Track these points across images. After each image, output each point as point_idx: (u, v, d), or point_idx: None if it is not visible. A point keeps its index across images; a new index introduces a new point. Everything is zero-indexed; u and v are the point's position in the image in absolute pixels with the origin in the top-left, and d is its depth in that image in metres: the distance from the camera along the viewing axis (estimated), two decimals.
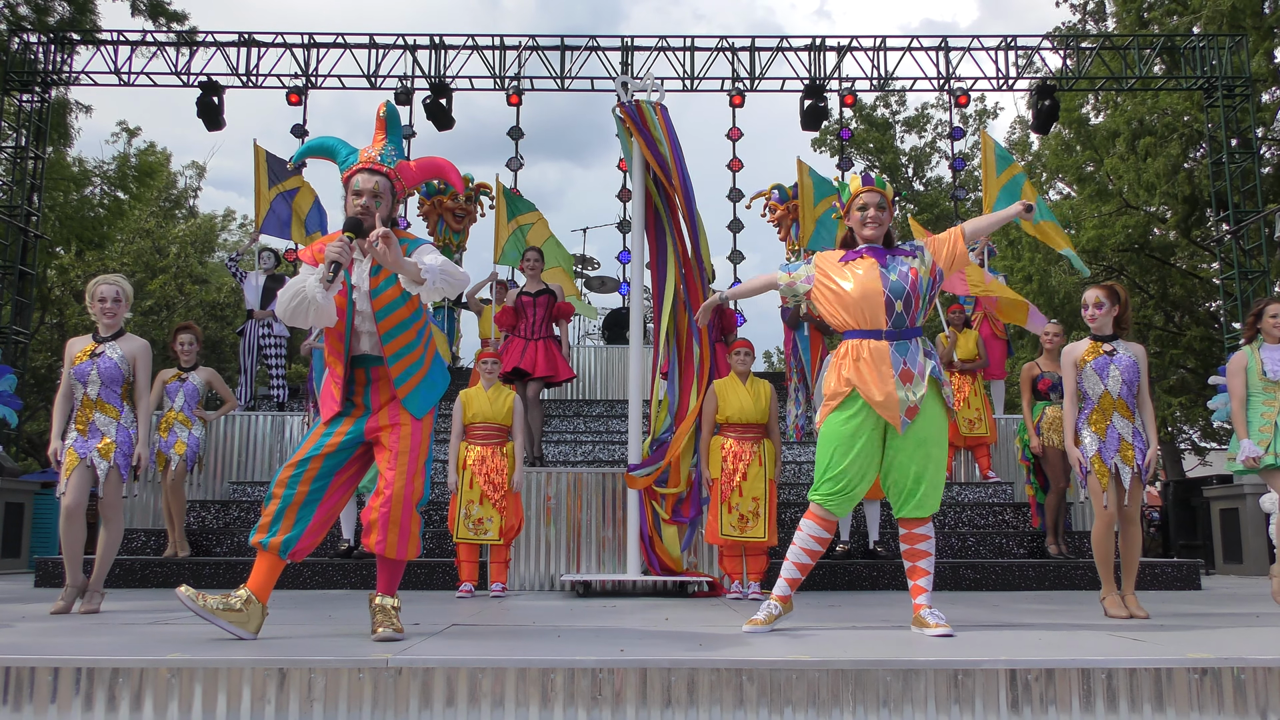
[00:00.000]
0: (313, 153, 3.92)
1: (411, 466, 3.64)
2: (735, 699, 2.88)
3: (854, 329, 3.96)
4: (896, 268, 3.94)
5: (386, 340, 3.63)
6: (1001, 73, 13.54)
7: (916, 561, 3.98)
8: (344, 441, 3.66)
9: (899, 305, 3.90)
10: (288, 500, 3.56)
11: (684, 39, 13.68)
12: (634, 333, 6.59)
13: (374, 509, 3.63)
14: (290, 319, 3.52)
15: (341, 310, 3.60)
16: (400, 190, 3.74)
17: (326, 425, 3.70)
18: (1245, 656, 2.99)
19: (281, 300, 3.53)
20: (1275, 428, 5.45)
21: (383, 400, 3.70)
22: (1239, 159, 12.91)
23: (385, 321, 3.62)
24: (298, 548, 3.57)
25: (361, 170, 3.65)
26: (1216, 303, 16.51)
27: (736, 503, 5.91)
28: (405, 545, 3.65)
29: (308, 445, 3.64)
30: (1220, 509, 10.28)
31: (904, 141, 26.95)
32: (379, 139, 3.76)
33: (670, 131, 6.43)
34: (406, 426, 3.68)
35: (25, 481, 9.98)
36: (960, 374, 8.77)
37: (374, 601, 3.68)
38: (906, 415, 3.86)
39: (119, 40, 13.23)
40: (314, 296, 3.43)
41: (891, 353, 3.89)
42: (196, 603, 3.44)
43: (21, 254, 12.40)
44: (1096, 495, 4.83)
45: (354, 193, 3.62)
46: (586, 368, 12.58)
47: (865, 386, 3.87)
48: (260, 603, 3.56)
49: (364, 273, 3.63)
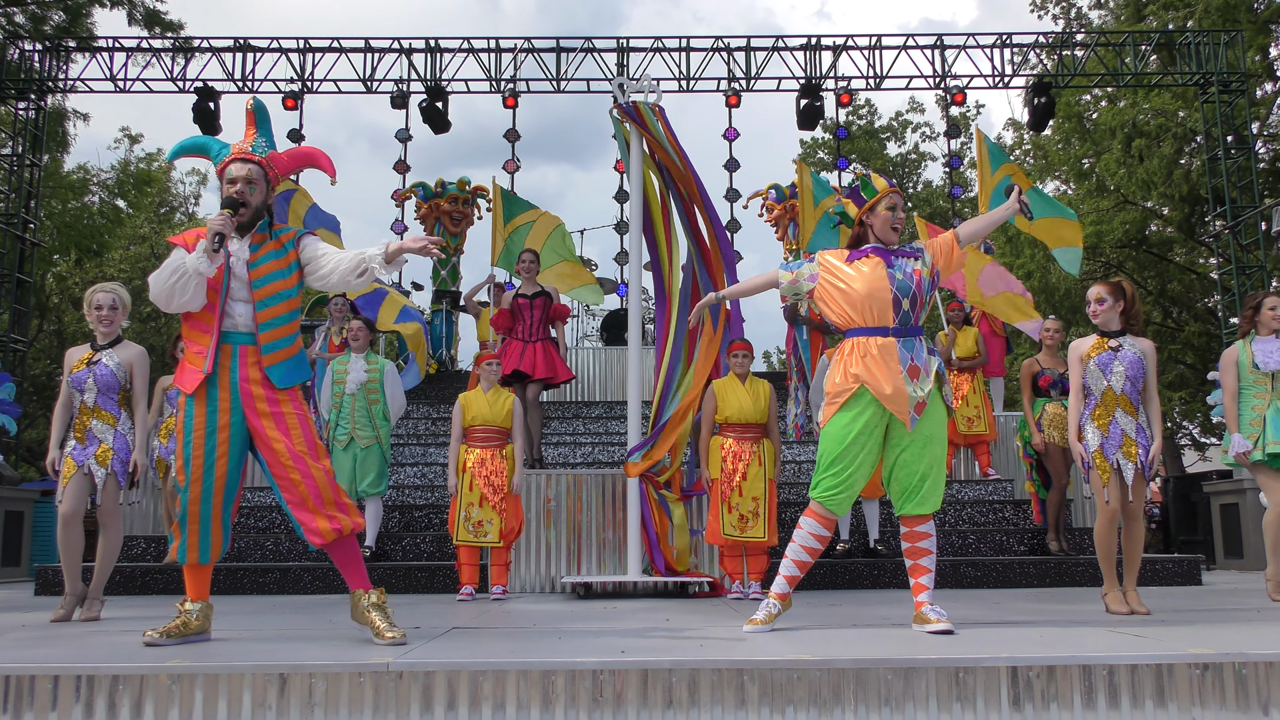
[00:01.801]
0: (186, 151, 4.04)
1: (310, 443, 3.69)
2: (737, 699, 2.87)
3: (860, 326, 3.98)
4: (902, 267, 3.99)
5: (261, 308, 3.73)
6: (997, 70, 13.55)
7: (918, 559, 3.98)
8: (234, 441, 3.68)
9: (905, 303, 3.93)
10: (206, 520, 3.64)
11: (679, 40, 13.68)
12: (633, 334, 6.59)
13: (306, 498, 3.63)
14: (166, 297, 3.60)
15: (215, 287, 3.68)
16: (274, 177, 3.87)
17: (204, 432, 3.65)
18: (1246, 651, 2.98)
19: (159, 278, 3.60)
20: (1265, 421, 5.46)
21: (252, 378, 3.70)
22: (1235, 155, 12.92)
23: (261, 291, 3.74)
24: (228, 550, 3.78)
25: (234, 160, 3.80)
26: (1215, 298, 16.51)
27: (736, 503, 5.91)
28: (350, 515, 3.68)
29: (198, 461, 3.63)
30: (1220, 504, 10.28)
31: (888, 149, 27.10)
32: (250, 133, 3.91)
33: (670, 131, 6.45)
34: (288, 405, 3.70)
35: (25, 490, 9.97)
36: (960, 371, 8.78)
37: (363, 600, 3.68)
38: (915, 411, 3.88)
39: (114, 47, 13.24)
40: (196, 270, 3.56)
41: (899, 349, 3.92)
42: (163, 639, 3.51)
43: (19, 262, 12.40)
44: (1098, 491, 4.83)
45: (229, 181, 3.78)
46: (585, 369, 12.58)
47: (875, 381, 3.88)
48: (208, 603, 3.73)
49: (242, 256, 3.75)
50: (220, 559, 3.77)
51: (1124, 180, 17.11)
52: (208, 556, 3.66)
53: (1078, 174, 19.17)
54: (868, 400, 3.91)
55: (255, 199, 3.77)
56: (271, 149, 3.89)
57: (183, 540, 3.65)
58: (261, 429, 3.68)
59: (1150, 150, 16.35)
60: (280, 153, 3.94)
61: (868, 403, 3.91)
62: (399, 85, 13.54)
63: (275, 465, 3.66)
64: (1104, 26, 18.39)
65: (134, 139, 20.82)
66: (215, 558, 3.69)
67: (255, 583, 6.80)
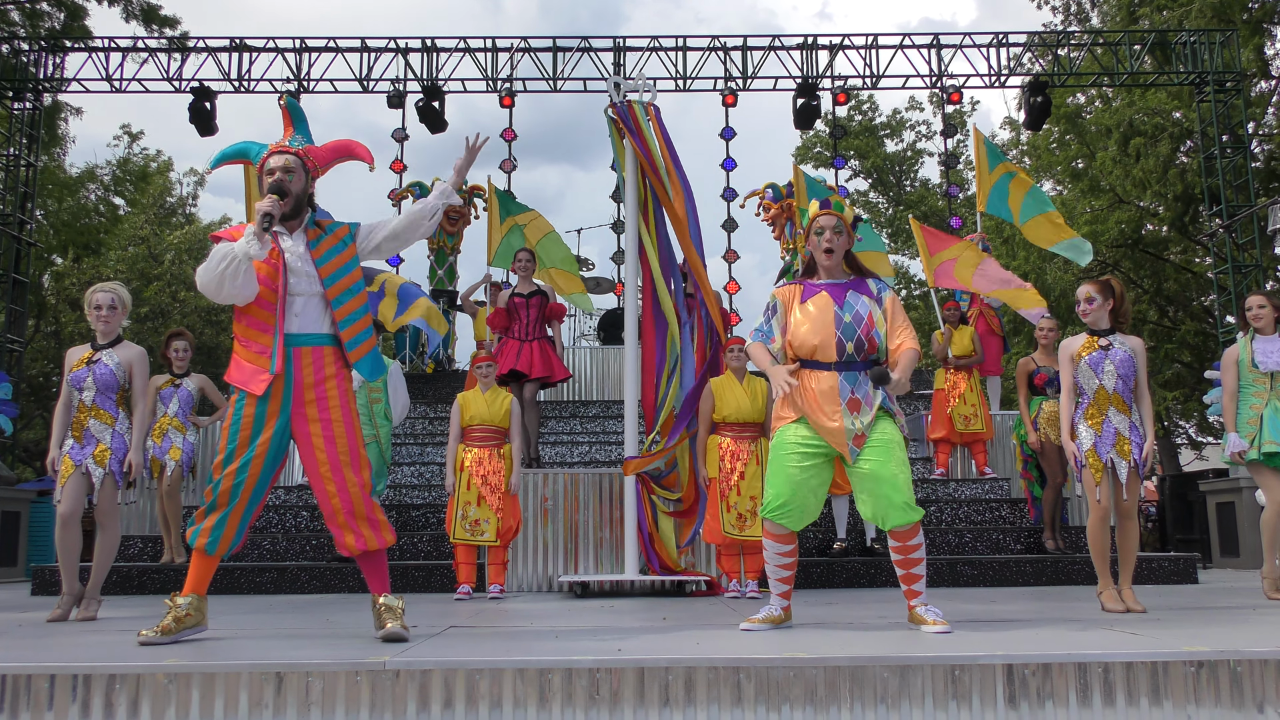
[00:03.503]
0: (227, 158, 4.07)
1: (354, 452, 3.71)
2: (733, 697, 2.88)
3: (805, 359, 3.96)
4: (852, 307, 3.92)
5: (337, 305, 3.76)
6: (993, 70, 13.56)
7: (910, 569, 3.91)
8: (275, 443, 3.68)
9: (850, 346, 3.88)
10: (230, 509, 3.63)
11: (676, 39, 13.69)
12: (629, 333, 6.59)
13: (337, 513, 3.66)
14: (216, 284, 3.57)
15: (272, 286, 3.67)
16: (312, 168, 3.90)
17: (250, 432, 3.65)
18: (1241, 649, 2.99)
19: (209, 267, 3.57)
20: (1262, 421, 5.47)
21: (307, 381, 3.70)
22: (1230, 154, 12.94)
23: (335, 288, 3.76)
24: (237, 549, 3.75)
25: (272, 154, 3.86)
26: (1211, 297, 16.54)
27: (735, 502, 5.91)
28: (380, 532, 3.71)
29: (239, 457, 3.63)
30: (1216, 503, 10.30)
31: (886, 146, 27.10)
32: (288, 131, 3.97)
33: (664, 131, 6.44)
34: (338, 410, 3.71)
35: (21, 490, 9.95)
36: (956, 370, 8.79)
37: (378, 602, 3.69)
38: (854, 444, 3.82)
39: (111, 47, 13.22)
40: (245, 254, 3.55)
41: (841, 382, 3.87)
42: (159, 636, 3.51)
43: (14, 262, 12.38)
44: (1090, 490, 4.84)
45: (267, 171, 3.82)
46: (582, 369, 12.58)
47: (814, 415, 3.87)
48: (203, 598, 3.72)
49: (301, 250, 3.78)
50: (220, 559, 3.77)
51: (1120, 179, 17.13)
52: (216, 547, 3.64)
53: (1072, 174, 19.20)
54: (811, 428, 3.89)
55: (295, 186, 3.80)
56: (309, 143, 3.94)
57: (198, 526, 3.64)
58: (308, 434, 3.69)
59: (1147, 149, 16.38)
60: (317, 146, 3.98)
61: (812, 429, 3.89)
62: (395, 85, 13.53)
63: (313, 474, 3.70)
64: (1099, 27, 18.41)
65: (134, 137, 20.81)
66: (223, 551, 3.68)
67: (252, 582, 6.80)
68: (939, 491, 8.45)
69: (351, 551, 3.70)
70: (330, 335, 3.79)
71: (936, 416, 8.86)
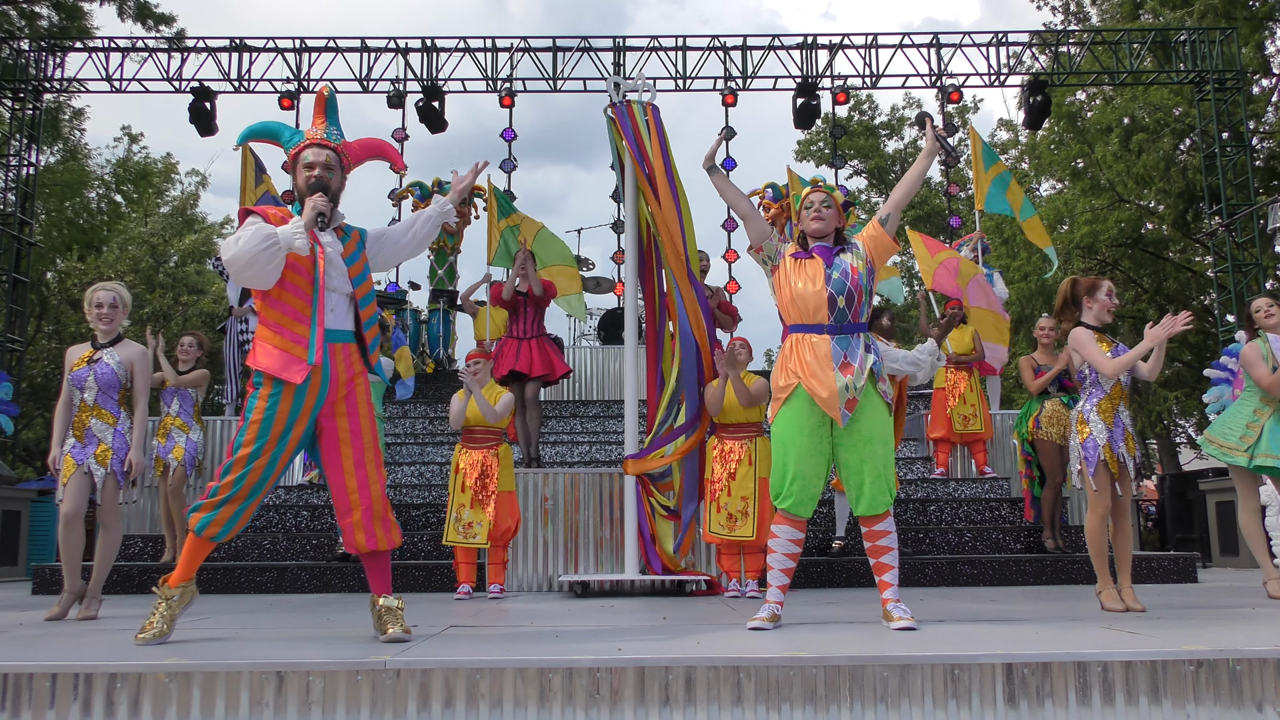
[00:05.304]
0: (256, 135, 4.00)
1: (377, 454, 3.74)
2: (733, 696, 2.88)
3: (798, 323, 4.09)
4: (839, 265, 4.09)
5: (364, 305, 3.78)
6: (993, 69, 13.56)
7: (879, 558, 4.05)
8: (305, 437, 3.66)
9: (841, 301, 4.02)
10: (250, 501, 3.61)
11: (676, 39, 13.68)
12: (629, 333, 6.60)
13: (354, 509, 3.66)
14: (247, 261, 3.44)
15: (310, 278, 3.63)
16: (347, 164, 3.88)
17: (283, 427, 3.59)
18: (1241, 648, 2.99)
19: (249, 242, 3.43)
20: (1263, 431, 5.48)
21: (339, 379, 3.67)
22: (1231, 152, 12.93)
23: (361, 288, 3.79)
24: (236, 534, 3.76)
25: (310, 146, 3.79)
26: (1211, 296, 16.54)
27: (725, 502, 5.92)
28: (391, 533, 3.75)
29: (267, 452, 3.57)
30: (1216, 502, 10.30)
31: (886, 146, 27.09)
32: (319, 121, 3.90)
33: (660, 132, 6.42)
34: (364, 407, 3.71)
35: (22, 489, 9.96)
36: (957, 369, 8.78)
37: (378, 603, 3.69)
38: (846, 408, 3.93)
39: (110, 47, 13.22)
40: (290, 244, 3.50)
41: (834, 345, 4.00)
42: (156, 636, 3.49)
43: (15, 262, 12.38)
44: (1104, 489, 4.81)
45: (305, 166, 3.76)
46: (583, 368, 12.58)
47: (808, 380, 3.97)
48: (192, 584, 3.71)
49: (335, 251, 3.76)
50: (216, 554, 3.77)
51: (1120, 176, 17.11)
52: (225, 535, 3.62)
53: (1071, 173, 19.19)
54: (808, 398, 3.99)
55: (334, 184, 3.78)
56: (343, 138, 3.91)
57: (209, 515, 3.55)
58: (335, 429, 3.66)
59: (1149, 145, 16.36)
60: (352, 142, 3.96)
61: (808, 400, 3.99)
62: (395, 85, 13.52)
63: (335, 468, 3.67)
64: (1100, 25, 18.41)
65: (134, 137, 20.81)
66: (227, 540, 3.70)
67: (252, 581, 6.80)
68: (939, 491, 8.45)
69: (360, 550, 3.70)
70: (355, 334, 3.79)
71: (936, 416, 8.86)
